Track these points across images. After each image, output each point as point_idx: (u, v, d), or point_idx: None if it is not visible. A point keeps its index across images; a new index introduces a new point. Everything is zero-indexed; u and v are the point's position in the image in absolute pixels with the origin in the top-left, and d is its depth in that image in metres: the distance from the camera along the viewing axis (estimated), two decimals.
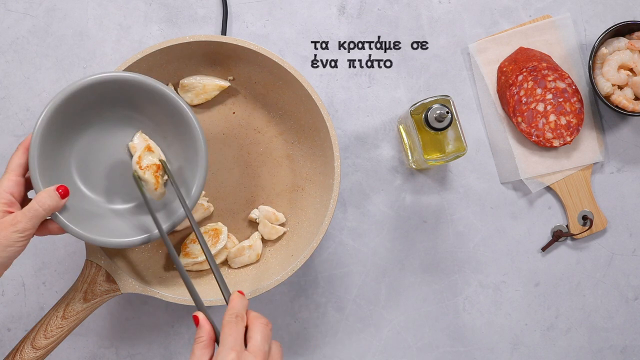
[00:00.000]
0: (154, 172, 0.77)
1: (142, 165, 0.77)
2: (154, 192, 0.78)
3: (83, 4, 0.93)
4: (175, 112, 0.76)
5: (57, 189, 0.71)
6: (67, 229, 0.73)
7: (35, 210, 0.69)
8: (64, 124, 0.75)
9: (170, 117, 0.77)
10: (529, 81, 0.91)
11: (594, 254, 0.95)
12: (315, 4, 0.94)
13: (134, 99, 0.76)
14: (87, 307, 0.78)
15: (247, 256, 0.86)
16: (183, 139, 0.77)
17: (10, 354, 0.75)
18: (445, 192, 0.94)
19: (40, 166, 0.72)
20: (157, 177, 0.77)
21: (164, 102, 0.76)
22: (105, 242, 0.74)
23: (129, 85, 0.75)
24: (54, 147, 0.75)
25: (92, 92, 0.74)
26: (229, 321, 0.64)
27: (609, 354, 0.95)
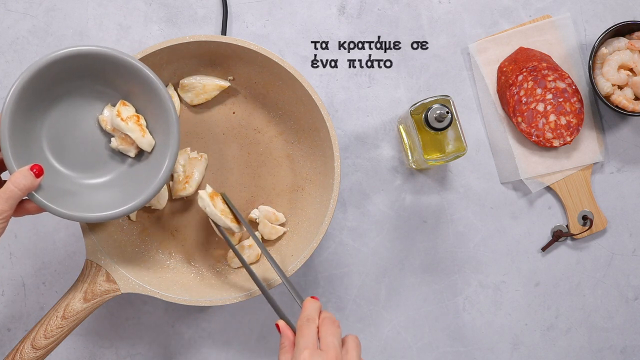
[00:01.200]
0: (136, 122, 0.78)
1: (123, 116, 0.77)
2: (141, 141, 0.78)
3: (83, 4, 0.93)
4: (145, 84, 0.76)
5: (31, 168, 0.71)
6: (45, 207, 0.72)
7: (11, 191, 0.69)
8: (33, 101, 0.74)
9: (139, 89, 0.77)
10: (529, 81, 0.91)
11: (594, 254, 0.95)
12: (315, 4, 0.94)
13: (102, 72, 0.76)
14: (87, 307, 0.78)
15: (247, 256, 0.86)
16: (154, 112, 0.78)
17: (10, 354, 0.75)
18: (445, 192, 0.94)
19: (12, 146, 0.71)
20: (140, 125, 0.78)
21: (134, 75, 0.76)
22: (83, 217, 0.74)
23: (97, 59, 0.74)
24: (25, 127, 0.74)
25: (58, 68, 0.73)
26: (301, 325, 0.68)
27: (609, 354, 0.95)
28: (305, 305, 0.71)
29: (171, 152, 0.76)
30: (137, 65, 0.75)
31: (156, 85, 0.76)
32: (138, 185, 0.77)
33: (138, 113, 0.79)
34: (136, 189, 0.77)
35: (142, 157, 0.80)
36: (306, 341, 0.67)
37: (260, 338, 0.93)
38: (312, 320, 0.69)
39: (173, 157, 0.76)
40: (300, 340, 0.67)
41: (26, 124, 0.74)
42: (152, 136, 0.79)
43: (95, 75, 0.76)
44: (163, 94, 0.76)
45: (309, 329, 0.68)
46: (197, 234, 0.87)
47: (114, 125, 0.78)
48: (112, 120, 0.78)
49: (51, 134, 0.77)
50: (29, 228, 0.92)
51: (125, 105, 0.78)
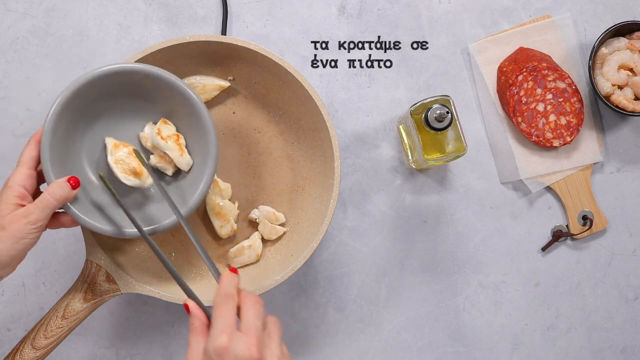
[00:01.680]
0: (176, 141, 0.78)
1: (163, 135, 0.78)
2: (179, 160, 0.78)
3: (83, 4, 0.93)
4: (186, 105, 0.77)
5: (68, 180, 0.72)
6: (78, 220, 0.73)
7: (47, 201, 0.69)
8: (75, 115, 0.75)
9: (181, 109, 0.78)
10: (529, 81, 0.91)
11: (594, 254, 0.95)
12: (315, 4, 0.94)
13: (145, 90, 0.77)
14: (87, 307, 0.78)
15: (247, 256, 0.86)
16: (194, 132, 0.78)
17: (10, 354, 0.75)
18: (445, 192, 0.94)
19: (51, 158, 0.73)
20: (179, 145, 0.78)
21: (177, 95, 0.76)
22: (116, 232, 0.75)
23: (142, 77, 0.75)
24: (65, 139, 0.75)
25: (103, 84, 0.74)
26: (218, 302, 0.62)
27: (609, 354, 0.95)
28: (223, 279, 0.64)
29: (208, 173, 0.77)
30: (181, 85, 0.76)
31: (199, 106, 0.76)
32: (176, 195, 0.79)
33: (179, 132, 0.79)
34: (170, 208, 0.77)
35: (180, 176, 0.80)
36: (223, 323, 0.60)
37: None
38: (231, 297, 0.62)
39: (209, 178, 0.77)
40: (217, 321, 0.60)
41: (67, 136, 0.75)
42: (191, 156, 0.79)
43: (139, 93, 0.77)
44: (205, 115, 0.76)
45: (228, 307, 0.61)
46: (197, 234, 0.87)
47: (154, 143, 0.78)
48: (152, 138, 0.78)
49: (91, 148, 0.78)
50: None
51: (166, 123, 0.79)
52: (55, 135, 0.73)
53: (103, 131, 0.78)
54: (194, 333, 0.63)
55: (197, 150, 0.79)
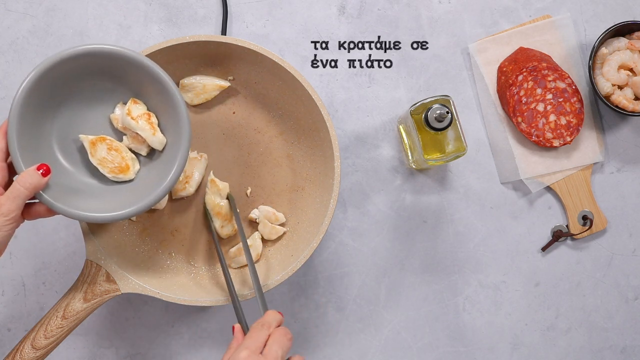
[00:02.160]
0: (147, 120, 0.77)
1: (133, 115, 0.76)
2: (152, 139, 0.77)
3: (83, 4, 0.93)
4: (155, 83, 0.75)
5: (38, 167, 0.70)
6: (52, 207, 0.72)
7: (17, 190, 0.69)
8: (42, 101, 0.74)
9: (151, 88, 0.76)
10: (529, 81, 0.91)
11: (594, 254, 0.95)
12: (315, 4, 0.94)
13: (113, 71, 0.76)
14: (87, 307, 0.78)
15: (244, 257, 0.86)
16: (165, 110, 0.77)
17: (10, 354, 0.75)
18: (445, 192, 0.94)
19: (20, 148, 0.71)
20: (151, 124, 0.77)
21: (144, 73, 0.75)
22: (91, 217, 0.73)
23: (107, 57, 0.74)
24: (34, 126, 0.74)
25: (67, 67, 0.73)
26: (254, 327, 0.67)
27: (609, 354, 0.95)
28: (267, 313, 0.70)
29: (182, 150, 0.75)
30: (147, 63, 0.74)
31: (167, 83, 0.75)
32: (149, 184, 0.77)
33: (149, 111, 0.78)
34: (147, 189, 0.76)
35: (154, 156, 0.79)
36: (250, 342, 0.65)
37: None
38: (267, 326, 0.67)
39: (184, 155, 0.75)
40: (246, 340, 0.65)
41: (35, 123, 0.74)
42: (164, 135, 0.78)
43: (106, 74, 0.76)
44: (173, 91, 0.75)
45: (259, 333, 0.66)
46: (197, 234, 0.87)
47: (125, 123, 0.77)
48: (123, 118, 0.77)
49: (62, 134, 0.77)
50: (29, 228, 0.92)
51: (136, 103, 0.78)
52: (22, 123, 0.71)
53: (72, 115, 0.77)
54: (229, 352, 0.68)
55: (170, 128, 0.77)
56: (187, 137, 0.75)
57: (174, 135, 0.77)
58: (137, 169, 0.79)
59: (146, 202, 0.74)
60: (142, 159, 0.80)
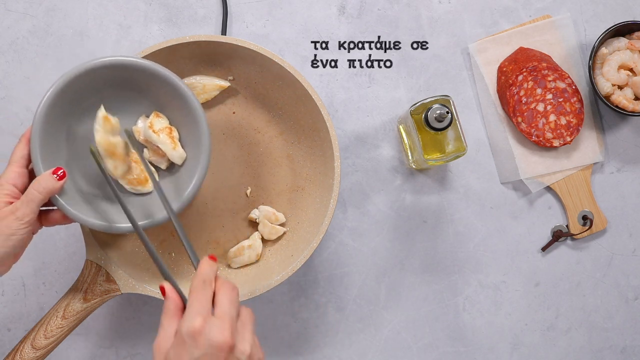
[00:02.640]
0: (169, 134, 0.77)
1: (155, 128, 0.77)
2: (172, 153, 0.77)
3: (83, 4, 0.93)
4: (178, 98, 0.76)
5: (54, 171, 0.71)
6: (66, 212, 0.72)
7: (32, 194, 0.69)
8: (65, 110, 0.74)
9: (174, 102, 0.77)
10: (529, 81, 0.91)
11: (594, 254, 0.95)
12: (315, 4, 0.94)
13: (137, 83, 0.76)
14: (87, 307, 0.78)
15: (246, 256, 0.86)
16: (187, 125, 0.77)
17: (10, 354, 0.75)
18: (445, 192, 0.94)
19: (42, 155, 0.72)
20: (172, 138, 0.77)
21: (168, 87, 0.75)
22: (106, 226, 0.74)
23: (133, 70, 0.74)
24: (56, 135, 0.74)
25: (92, 77, 0.74)
26: (195, 287, 0.62)
27: (609, 354, 0.95)
28: (202, 265, 0.64)
29: (201, 166, 0.76)
30: (173, 78, 0.75)
31: (190, 98, 0.75)
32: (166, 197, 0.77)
33: (172, 125, 0.79)
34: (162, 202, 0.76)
35: (173, 170, 0.80)
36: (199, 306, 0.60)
37: (261, 338, 0.93)
38: (209, 283, 0.63)
39: (203, 171, 0.76)
40: (193, 304, 0.61)
41: (58, 131, 0.74)
42: (184, 149, 0.78)
43: (130, 85, 0.76)
44: (196, 107, 0.75)
45: (205, 292, 0.62)
46: (197, 234, 0.87)
47: (146, 136, 0.77)
48: (145, 131, 0.77)
49: (83, 143, 0.77)
50: None
51: (158, 117, 0.78)
52: (45, 131, 0.72)
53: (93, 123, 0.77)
54: (168, 315, 0.63)
55: (191, 143, 0.78)
56: (207, 152, 0.76)
57: (194, 150, 0.77)
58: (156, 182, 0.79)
59: (162, 216, 0.75)
60: (161, 172, 0.80)
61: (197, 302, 0.61)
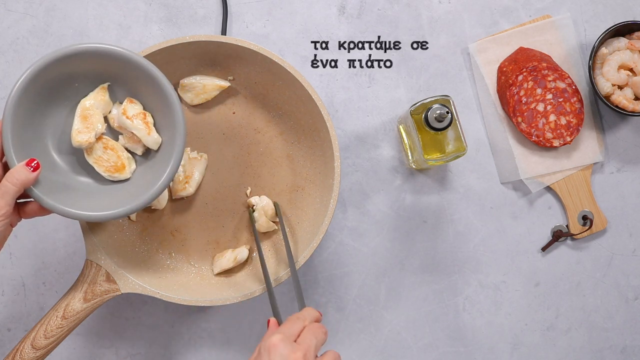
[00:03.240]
0: (143, 119, 0.77)
1: (129, 114, 0.76)
2: (147, 139, 0.77)
3: (83, 4, 0.93)
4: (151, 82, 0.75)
5: (27, 163, 0.70)
6: (42, 203, 0.72)
7: (5, 186, 0.68)
8: (36, 100, 0.73)
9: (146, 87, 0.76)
10: (529, 81, 0.91)
11: (594, 254, 0.95)
12: (315, 4, 0.94)
13: (109, 70, 0.75)
14: (87, 307, 0.78)
15: (226, 259, 0.86)
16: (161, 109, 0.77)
17: (10, 354, 0.75)
18: (445, 192, 0.94)
19: (14, 146, 0.71)
20: (147, 123, 0.77)
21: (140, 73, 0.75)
22: (84, 215, 0.73)
23: (103, 57, 0.74)
24: (28, 126, 0.73)
25: (64, 65, 0.73)
26: (290, 319, 0.66)
27: (609, 354, 0.95)
28: (305, 309, 0.69)
29: (177, 149, 0.75)
30: (143, 62, 0.74)
31: (162, 82, 0.75)
32: (144, 183, 0.77)
33: (146, 111, 0.78)
34: (142, 188, 0.76)
35: (150, 156, 0.79)
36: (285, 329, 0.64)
37: (260, 338, 0.93)
38: (303, 319, 0.67)
39: (179, 154, 0.75)
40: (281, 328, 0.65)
41: (30, 122, 0.74)
42: (160, 134, 0.78)
43: (103, 73, 0.76)
44: (169, 91, 0.75)
45: (295, 323, 0.65)
46: (197, 234, 0.87)
47: (120, 123, 0.77)
48: (119, 118, 0.77)
49: (57, 132, 0.77)
50: (29, 228, 0.92)
51: (132, 102, 0.78)
52: (16, 122, 0.71)
53: (69, 113, 0.77)
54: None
55: (166, 127, 0.77)
56: (182, 136, 0.75)
57: (169, 134, 0.77)
58: (133, 169, 0.79)
59: (141, 201, 0.74)
60: (138, 158, 0.80)
61: (284, 327, 0.65)
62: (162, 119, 0.77)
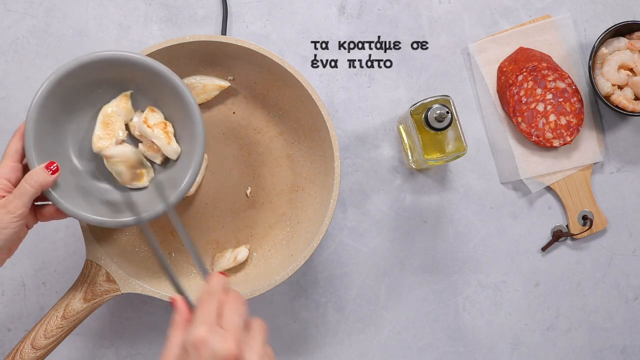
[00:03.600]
0: (163, 129, 0.77)
1: (149, 123, 0.77)
2: (166, 148, 0.77)
3: (83, 4, 0.93)
4: (173, 92, 0.76)
5: (46, 166, 0.70)
6: (59, 206, 0.72)
7: (23, 187, 0.69)
8: (59, 104, 0.74)
9: (168, 97, 0.76)
10: (529, 81, 0.91)
11: (594, 254, 0.95)
12: (315, 4, 0.94)
13: (132, 78, 0.76)
14: (87, 307, 0.78)
15: (226, 259, 0.86)
16: (181, 119, 0.77)
17: (10, 354, 0.75)
18: (445, 192, 0.94)
19: (36, 150, 0.71)
20: (167, 133, 0.77)
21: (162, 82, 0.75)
22: (100, 221, 0.74)
23: (127, 65, 0.74)
24: (51, 130, 0.74)
25: (87, 72, 0.73)
26: (202, 299, 0.61)
27: (609, 354, 0.95)
28: (211, 278, 0.64)
29: (196, 161, 0.75)
30: (166, 71, 0.75)
31: (184, 92, 0.75)
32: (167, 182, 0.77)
33: (166, 120, 0.78)
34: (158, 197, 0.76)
35: (168, 165, 0.80)
36: (205, 316, 0.59)
37: None
38: (215, 294, 0.62)
39: (197, 166, 0.76)
40: (199, 314, 0.60)
41: (52, 126, 0.74)
42: (179, 144, 0.78)
43: (126, 81, 0.76)
44: (190, 101, 0.75)
45: (211, 303, 0.60)
46: (197, 234, 0.87)
47: (141, 131, 0.77)
48: (139, 126, 0.77)
49: (78, 138, 0.77)
50: None
51: (153, 111, 0.78)
52: (39, 126, 0.72)
53: (91, 119, 0.77)
54: (175, 327, 0.62)
55: (185, 138, 0.77)
56: (201, 147, 0.75)
57: (189, 144, 0.77)
58: (151, 177, 0.79)
59: (157, 210, 0.75)
60: (156, 167, 0.80)
61: (202, 313, 0.60)
62: (182, 129, 0.78)
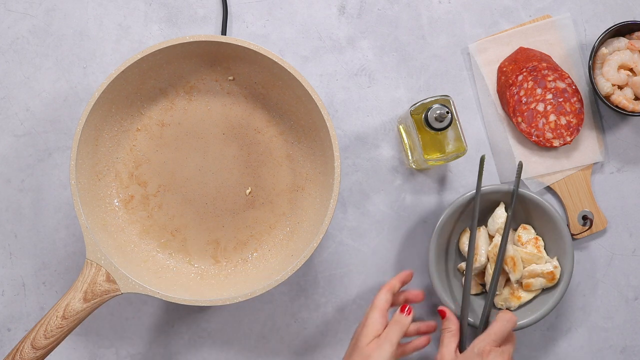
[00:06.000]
0: (534, 244, 0.88)
1: (522, 240, 0.88)
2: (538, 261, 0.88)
3: (83, 4, 0.93)
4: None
5: (401, 309, 0.81)
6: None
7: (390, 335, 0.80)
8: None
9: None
10: (529, 81, 0.91)
11: (594, 254, 0.95)
12: (315, 4, 0.94)
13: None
14: (87, 307, 0.78)
15: (539, 282, 0.89)
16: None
17: (10, 354, 0.75)
18: (445, 192, 0.94)
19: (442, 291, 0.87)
20: (538, 247, 0.88)
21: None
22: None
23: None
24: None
25: None
26: (497, 319, 0.80)
27: (609, 354, 0.95)
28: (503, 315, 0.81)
29: (560, 288, 0.88)
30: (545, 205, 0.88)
31: (552, 212, 0.87)
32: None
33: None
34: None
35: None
36: (495, 336, 0.78)
37: (260, 338, 0.93)
38: (508, 322, 0.80)
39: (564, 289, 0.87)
40: (489, 331, 0.77)
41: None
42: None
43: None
44: (558, 220, 0.87)
45: (504, 325, 0.79)
46: (197, 234, 0.87)
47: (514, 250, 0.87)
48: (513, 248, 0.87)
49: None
50: (29, 228, 0.92)
51: (525, 229, 0.89)
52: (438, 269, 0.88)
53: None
54: (450, 334, 0.80)
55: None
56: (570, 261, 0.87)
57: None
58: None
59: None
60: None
61: (493, 332, 0.78)
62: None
